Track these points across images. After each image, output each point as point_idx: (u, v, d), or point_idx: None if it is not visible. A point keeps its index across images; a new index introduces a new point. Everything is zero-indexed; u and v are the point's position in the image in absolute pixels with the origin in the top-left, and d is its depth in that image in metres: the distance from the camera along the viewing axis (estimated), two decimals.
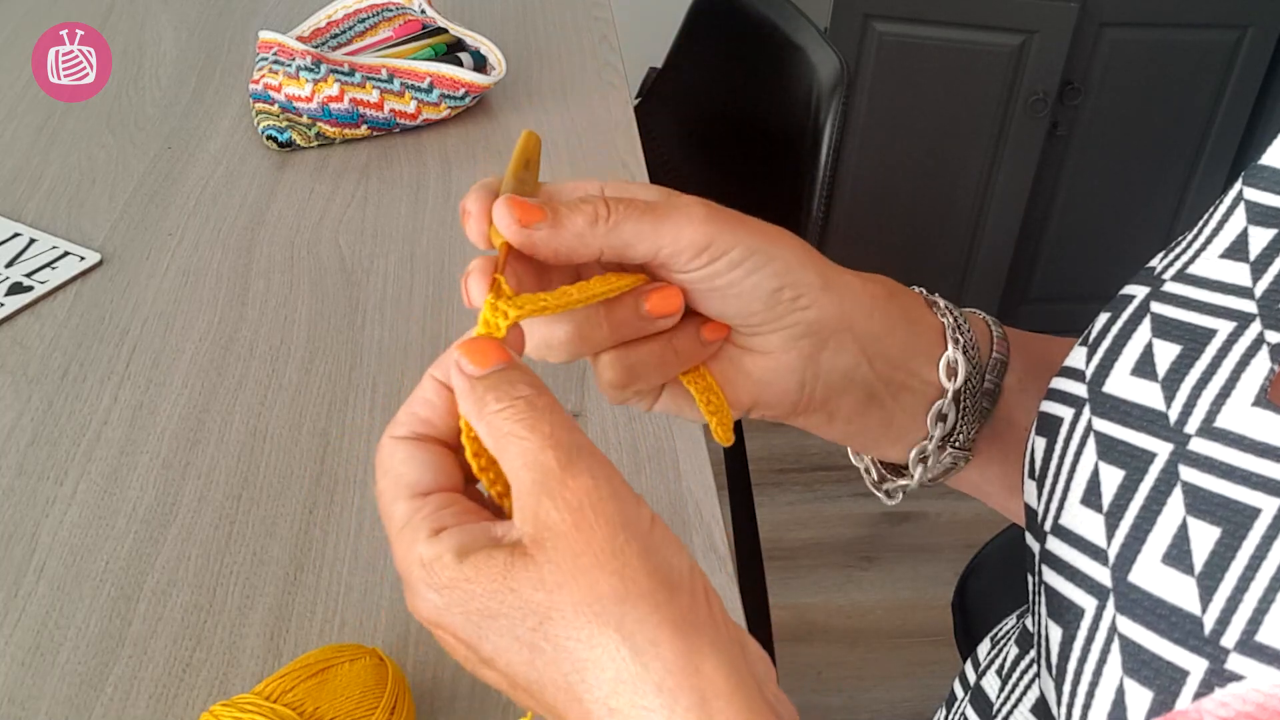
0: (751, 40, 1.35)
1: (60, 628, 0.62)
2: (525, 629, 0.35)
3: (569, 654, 0.34)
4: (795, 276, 0.44)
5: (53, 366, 0.79)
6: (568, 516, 0.35)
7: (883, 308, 0.47)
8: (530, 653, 0.35)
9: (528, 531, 0.35)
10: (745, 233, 0.42)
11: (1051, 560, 0.41)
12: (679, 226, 0.41)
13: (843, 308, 0.45)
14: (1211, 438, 0.36)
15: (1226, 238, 0.40)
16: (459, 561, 0.35)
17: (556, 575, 0.34)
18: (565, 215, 0.40)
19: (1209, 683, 0.32)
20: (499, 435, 0.37)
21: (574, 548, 0.34)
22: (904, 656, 1.68)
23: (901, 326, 0.47)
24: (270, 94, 1.04)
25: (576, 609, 0.34)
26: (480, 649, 0.36)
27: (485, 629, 0.35)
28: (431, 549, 0.36)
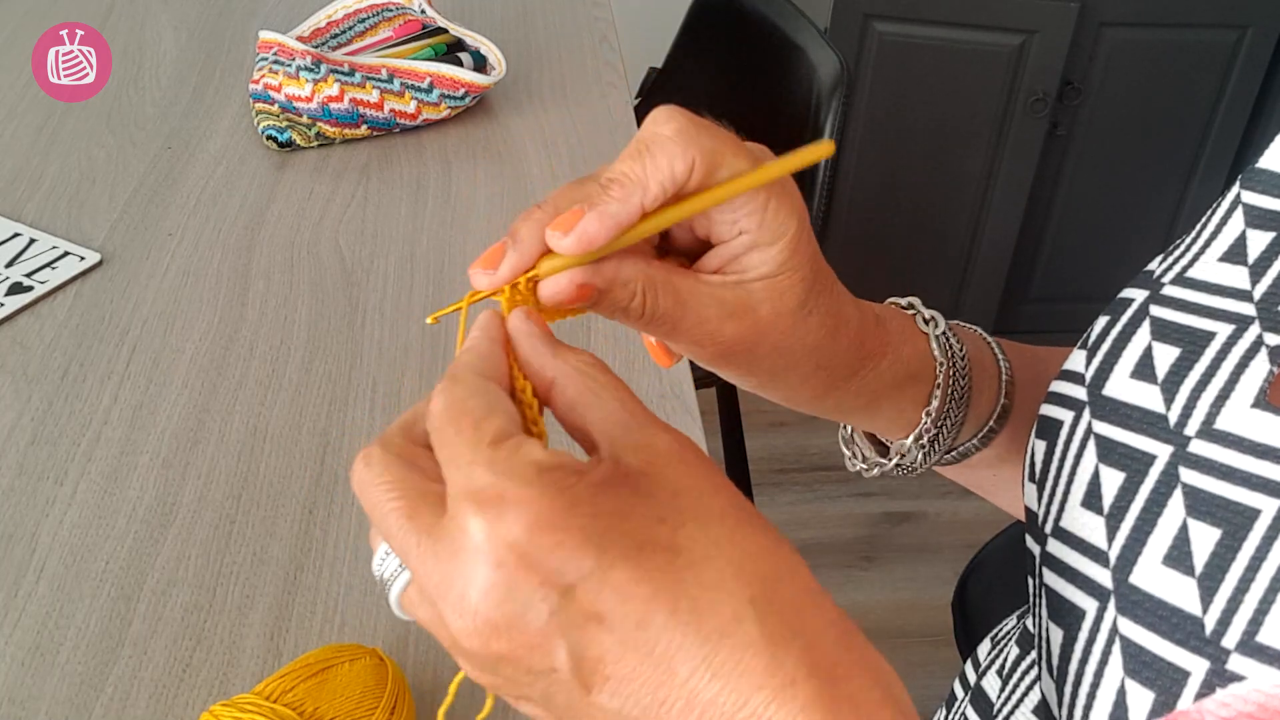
0: (751, 40, 1.35)
1: (60, 628, 0.62)
2: (667, 528, 0.32)
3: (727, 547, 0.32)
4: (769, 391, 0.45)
5: (53, 366, 0.79)
6: (688, 447, 0.34)
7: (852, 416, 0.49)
8: (669, 556, 0.31)
9: (637, 458, 0.33)
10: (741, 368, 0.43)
11: (1052, 562, 0.41)
12: (680, 348, 0.42)
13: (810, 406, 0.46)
14: (1211, 440, 0.36)
15: (1225, 241, 0.40)
16: (578, 474, 0.32)
17: (690, 478, 0.33)
18: (602, 308, 0.40)
19: (1210, 683, 0.32)
20: (594, 383, 0.35)
21: (700, 468, 0.34)
22: (904, 656, 1.68)
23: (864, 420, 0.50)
24: (270, 94, 1.03)
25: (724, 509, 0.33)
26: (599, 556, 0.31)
27: (613, 531, 0.31)
28: (551, 457, 0.32)
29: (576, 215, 0.37)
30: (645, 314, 0.39)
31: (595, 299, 0.39)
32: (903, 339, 0.48)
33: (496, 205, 0.98)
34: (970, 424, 0.51)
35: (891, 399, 0.48)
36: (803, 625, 0.32)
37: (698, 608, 0.31)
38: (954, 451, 0.52)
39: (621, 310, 0.39)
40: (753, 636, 0.31)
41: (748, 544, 0.32)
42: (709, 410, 1.04)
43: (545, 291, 0.38)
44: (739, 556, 0.32)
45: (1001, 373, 0.51)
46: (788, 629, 0.31)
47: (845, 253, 2.01)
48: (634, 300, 0.39)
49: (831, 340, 0.43)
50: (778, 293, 0.40)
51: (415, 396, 0.78)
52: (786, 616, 0.31)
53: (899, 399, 0.48)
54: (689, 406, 0.77)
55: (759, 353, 0.41)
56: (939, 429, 0.49)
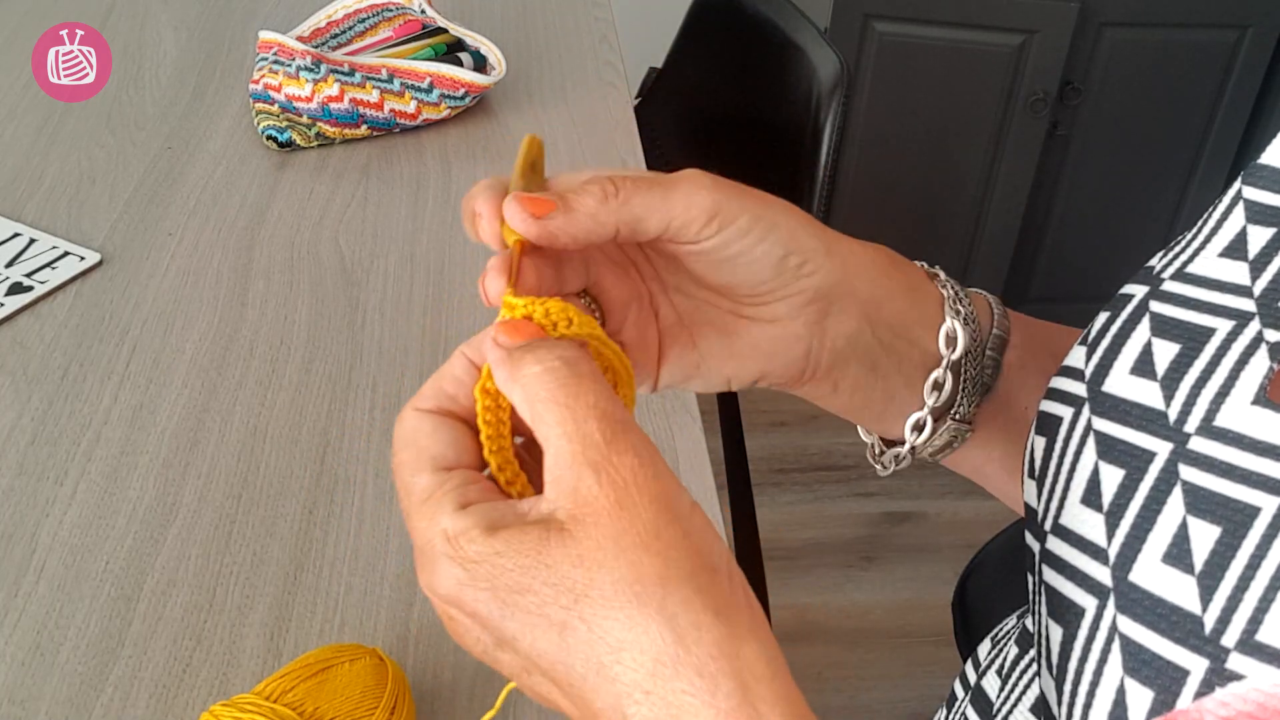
0: (751, 40, 1.35)
1: (60, 628, 0.62)
2: (558, 607, 0.34)
3: (605, 634, 0.33)
4: (800, 242, 0.44)
5: (53, 366, 0.79)
6: (611, 494, 0.34)
7: (884, 273, 0.47)
8: (560, 633, 0.34)
9: (564, 506, 0.34)
10: (750, 200, 0.43)
11: (1052, 560, 0.41)
12: (687, 195, 0.41)
13: (846, 272, 0.45)
14: (1211, 436, 0.36)
15: (1225, 237, 0.40)
16: (488, 535, 0.34)
17: (597, 553, 0.33)
18: (575, 199, 0.40)
19: (1210, 682, 0.32)
20: (536, 400, 0.36)
21: (617, 526, 0.33)
22: (904, 656, 1.68)
23: (902, 293, 0.48)
24: (270, 94, 1.04)
25: (617, 588, 0.33)
26: (503, 629, 0.35)
27: (512, 606, 0.34)
28: (458, 522, 0.35)
29: (549, 206, 0.39)
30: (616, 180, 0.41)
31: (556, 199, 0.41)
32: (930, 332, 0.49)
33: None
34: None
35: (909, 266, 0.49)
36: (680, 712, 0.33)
37: (584, 692, 0.34)
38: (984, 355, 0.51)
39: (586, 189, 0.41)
40: None
41: (630, 629, 0.33)
42: (709, 410, 1.04)
43: (511, 211, 0.40)
44: (616, 645, 0.33)
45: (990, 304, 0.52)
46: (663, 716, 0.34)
47: None
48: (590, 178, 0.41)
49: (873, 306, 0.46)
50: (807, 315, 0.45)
51: None
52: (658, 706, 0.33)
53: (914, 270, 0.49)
54: (689, 406, 0.77)
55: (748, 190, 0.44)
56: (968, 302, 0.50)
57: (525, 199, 0.40)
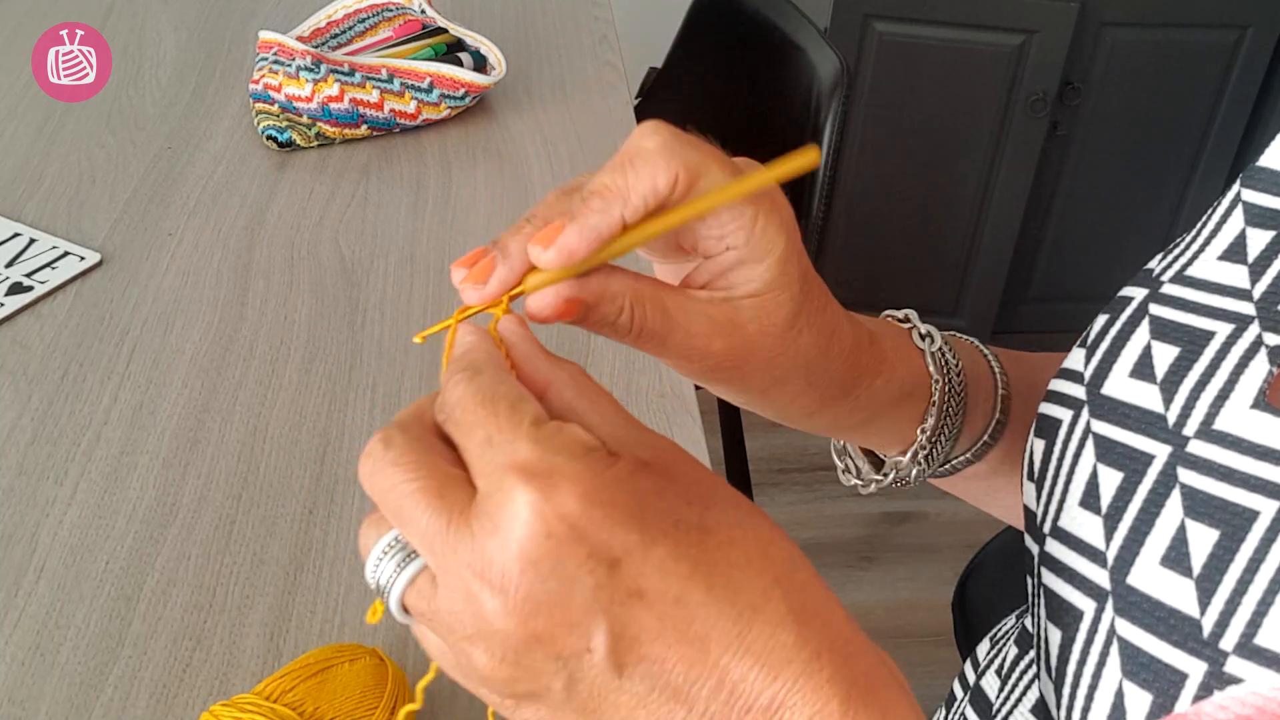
0: (751, 40, 1.35)
1: (60, 628, 0.62)
2: (698, 509, 0.32)
3: (751, 529, 0.33)
4: (762, 407, 0.44)
5: (53, 366, 0.79)
6: (680, 450, 0.34)
7: (847, 434, 0.49)
8: (701, 536, 0.32)
9: (643, 453, 0.33)
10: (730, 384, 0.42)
11: (1050, 562, 0.41)
12: (669, 362, 0.41)
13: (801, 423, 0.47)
14: (1210, 440, 0.36)
15: (1225, 240, 0.40)
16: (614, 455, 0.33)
17: (706, 479, 0.34)
18: (590, 324, 0.39)
19: (1208, 685, 0.32)
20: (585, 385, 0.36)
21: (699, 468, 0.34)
22: (904, 656, 1.67)
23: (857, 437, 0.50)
24: (270, 94, 1.04)
25: (736, 499, 0.33)
26: (642, 532, 0.31)
27: (651, 509, 0.31)
28: (590, 438, 0.33)
29: (557, 229, 0.37)
30: (633, 329, 0.39)
31: (582, 314, 0.38)
32: (898, 356, 0.47)
33: (496, 205, 0.98)
34: (965, 438, 0.51)
35: (887, 416, 0.48)
36: (820, 606, 0.33)
37: (730, 585, 0.31)
38: (947, 465, 0.52)
39: (609, 325, 0.39)
40: (782, 614, 0.31)
41: (763, 529, 0.33)
42: (709, 410, 1.04)
43: (532, 306, 0.38)
44: (760, 539, 0.33)
45: (997, 387, 0.51)
46: (809, 608, 0.32)
47: (845, 253, 2.01)
48: (621, 315, 0.38)
49: (823, 358, 0.43)
50: (766, 310, 0.40)
51: (415, 396, 0.77)
52: (806, 596, 0.32)
53: (894, 416, 0.48)
54: (689, 406, 0.77)
55: (748, 369, 0.41)
56: (934, 445, 0.49)
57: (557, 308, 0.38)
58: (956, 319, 2.08)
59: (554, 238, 0.37)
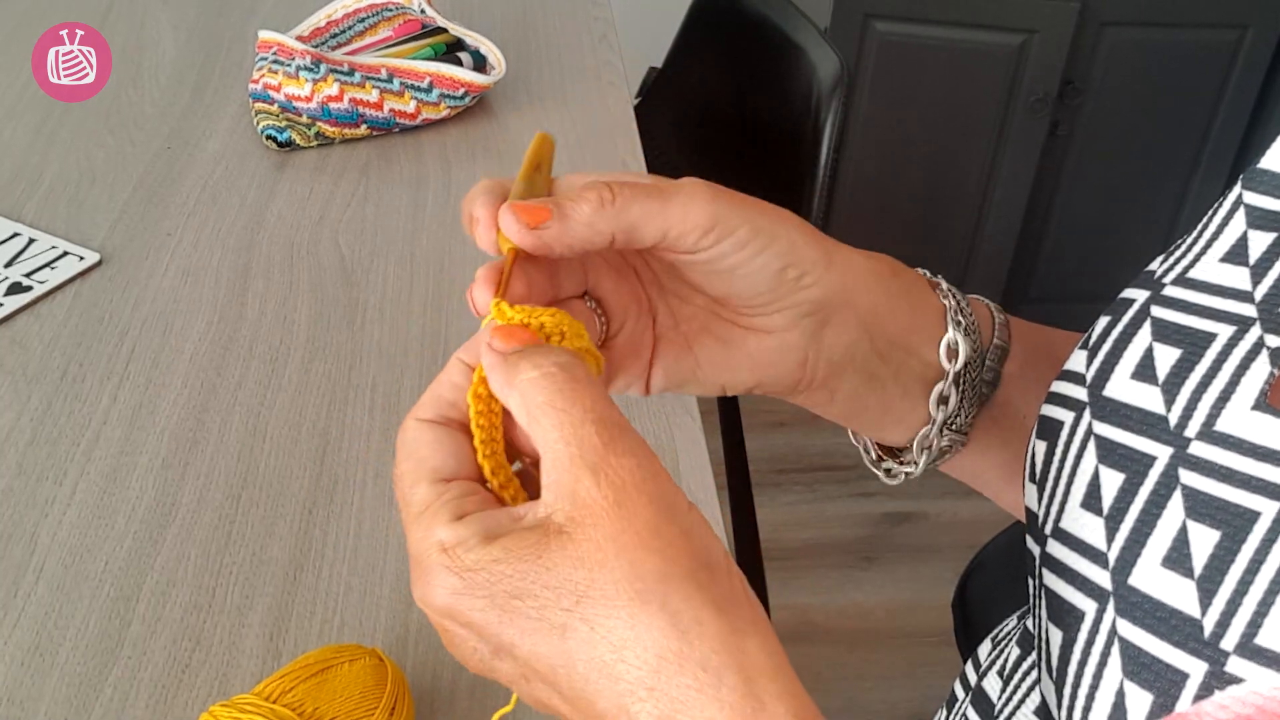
0: (751, 40, 1.35)
1: (59, 628, 0.62)
2: (558, 609, 0.34)
3: (608, 633, 0.33)
4: (799, 255, 0.43)
5: (52, 366, 0.79)
6: (610, 494, 0.34)
7: (885, 285, 0.47)
8: (561, 635, 0.34)
9: (563, 509, 0.34)
10: (751, 211, 0.42)
11: (1052, 563, 0.41)
12: (685, 205, 0.41)
13: (845, 284, 0.45)
14: (1211, 441, 0.36)
15: (1226, 242, 0.40)
16: (485, 544, 0.35)
17: (597, 554, 0.33)
18: (571, 207, 0.40)
19: (1209, 685, 0.32)
20: (533, 405, 0.36)
21: (616, 525, 0.34)
22: (904, 657, 1.68)
23: (903, 304, 0.48)
24: (270, 94, 1.03)
25: (618, 586, 0.33)
26: (501, 636, 0.35)
27: (510, 612, 0.34)
28: (455, 533, 0.35)
29: (544, 215, 0.39)
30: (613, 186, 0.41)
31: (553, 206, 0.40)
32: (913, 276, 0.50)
33: None
34: None
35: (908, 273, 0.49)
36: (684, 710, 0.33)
37: (586, 694, 0.34)
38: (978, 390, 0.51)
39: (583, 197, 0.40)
40: None
41: (634, 628, 0.33)
42: (709, 410, 1.04)
43: (507, 221, 0.40)
44: (618, 643, 0.33)
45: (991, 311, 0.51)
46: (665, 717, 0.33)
47: None
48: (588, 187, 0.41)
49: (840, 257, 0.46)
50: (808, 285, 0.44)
51: (415, 396, 0.77)
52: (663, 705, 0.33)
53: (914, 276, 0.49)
54: (689, 406, 0.77)
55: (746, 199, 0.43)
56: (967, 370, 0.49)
57: (520, 208, 0.40)
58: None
59: (538, 221, 0.39)
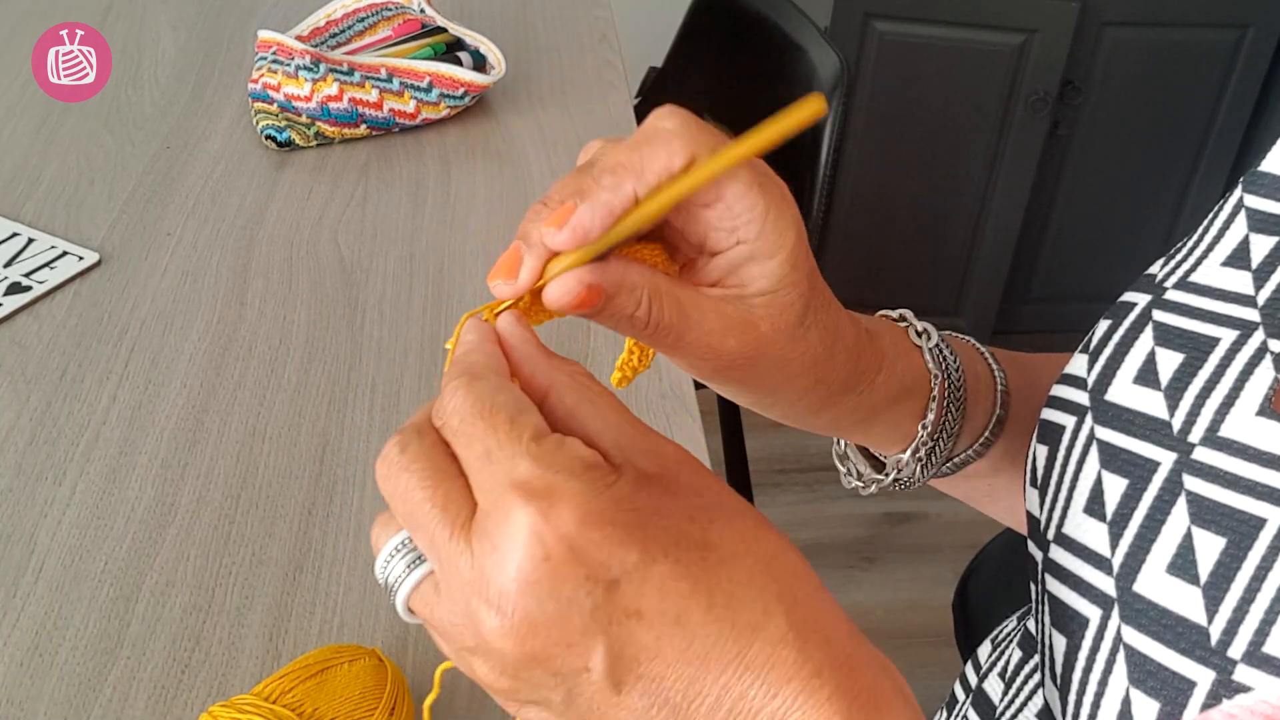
0: (751, 40, 1.35)
1: (59, 628, 0.61)
2: (700, 525, 0.32)
3: (751, 544, 0.32)
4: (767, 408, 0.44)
5: (51, 366, 0.78)
6: (688, 456, 0.34)
7: (849, 431, 0.48)
8: (703, 551, 0.32)
9: (650, 464, 0.33)
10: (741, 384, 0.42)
11: (1055, 569, 0.41)
12: (682, 362, 0.41)
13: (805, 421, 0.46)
14: (1215, 447, 0.35)
15: (1228, 245, 0.40)
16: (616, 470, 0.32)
17: (711, 485, 0.34)
18: (606, 316, 0.39)
19: (1216, 694, 0.32)
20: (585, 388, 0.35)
21: (707, 475, 0.34)
22: (905, 657, 1.67)
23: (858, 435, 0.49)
24: (269, 93, 1.03)
25: (742, 511, 0.33)
26: (647, 548, 0.31)
27: (653, 528, 0.31)
28: (594, 454, 0.32)
29: (569, 210, 0.37)
30: (650, 323, 0.38)
31: (601, 303, 0.38)
32: (897, 353, 0.47)
33: (496, 205, 0.98)
34: (966, 435, 0.50)
35: (888, 413, 0.48)
36: (822, 620, 0.32)
37: (731, 603, 0.31)
38: (950, 463, 0.52)
39: (626, 318, 0.38)
40: (783, 631, 0.31)
41: (766, 543, 0.33)
42: (709, 410, 1.04)
43: (552, 293, 0.37)
44: (763, 555, 0.32)
45: (997, 382, 0.51)
46: (811, 624, 0.32)
47: (845, 253, 2.01)
48: (639, 308, 0.38)
49: (829, 355, 0.43)
50: (777, 308, 0.40)
51: (415, 396, 0.77)
52: (808, 612, 0.32)
53: (895, 413, 0.48)
54: (689, 406, 0.77)
55: (759, 367, 0.41)
56: (935, 441, 0.49)
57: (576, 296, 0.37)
58: (956, 319, 2.08)
59: (566, 218, 0.37)
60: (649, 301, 0.38)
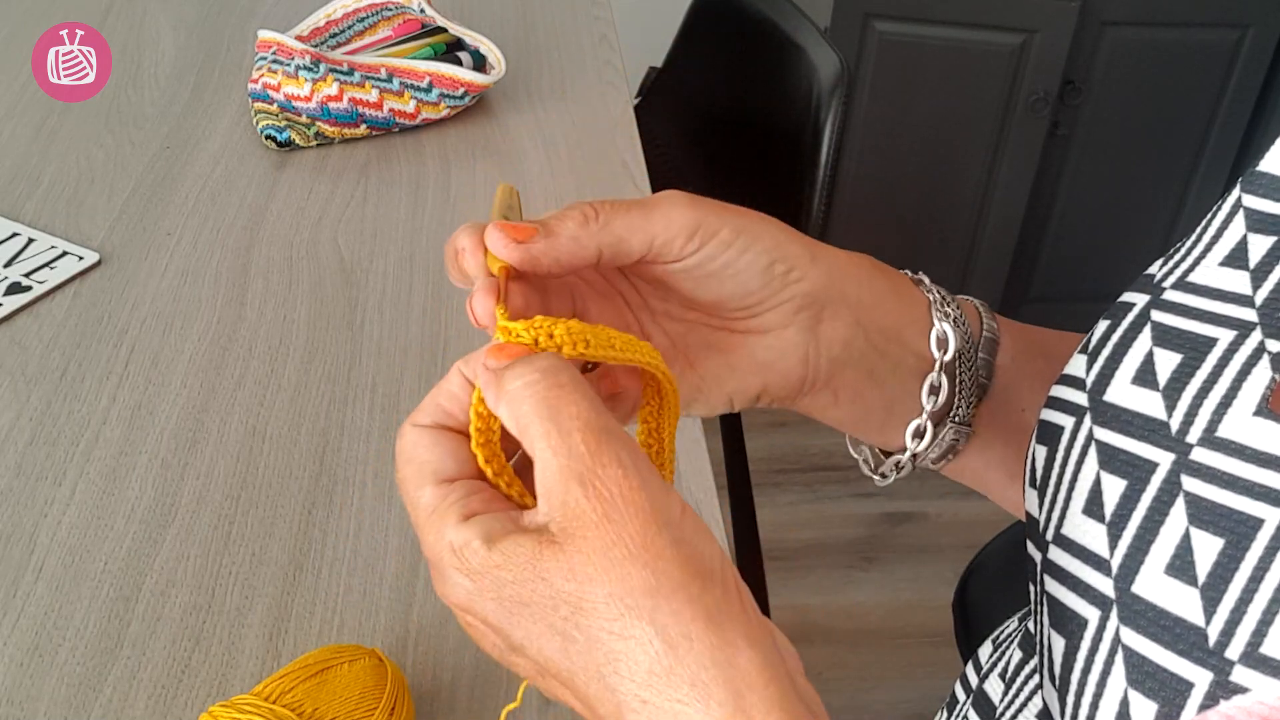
0: (751, 40, 1.35)
1: (59, 628, 0.61)
2: (558, 618, 0.35)
3: (601, 645, 0.34)
4: (784, 250, 0.45)
5: (51, 366, 0.78)
6: (599, 506, 0.34)
7: (869, 279, 0.48)
8: (563, 641, 0.35)
9: (555, 519, 0.35)
10: (730, 214, 0.44)
11: (1054, 570, 0.41)
12: (667, 213, 0.42)
13: (833, 276, 0.46)
14: (1213, 447, 0.35)
15: (1226, 245, 0.40)
16: (488, 548, 0.35)
17: (587, 567, 0.34)
18: (556, 224, 0.41)
19: (1214, 695, 0.32)
20: (520, 415, 0.36)
21: (605, 539, 0.34)
22: (905, 657, 1.67)
23: (890, 297, 0.49)
24: (269, 93, 1.03)
25: (609, 601, 0.34)
26: (511, 636, 0.36)
27: (517, 616, 0.35)
28: (461, 534, 0.36)
29: (530, 232, 0.41)
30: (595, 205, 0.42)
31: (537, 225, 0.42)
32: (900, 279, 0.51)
33: None
34: None
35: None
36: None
37: (588, 698, 0.35)
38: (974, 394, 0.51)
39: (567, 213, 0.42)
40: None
41: (627, 638, 0.34)
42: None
43: (494, 239, 0.41)
44: (614, 655, 0.34)
45: (978, 307, 0.52)
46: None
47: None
48: (570, 206, 0.42)
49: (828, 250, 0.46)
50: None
51: (415, 396, 0.77)
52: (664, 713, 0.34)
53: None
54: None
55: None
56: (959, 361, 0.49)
57: (507, 226, 0.41)
58: None
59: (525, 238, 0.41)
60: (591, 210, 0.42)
